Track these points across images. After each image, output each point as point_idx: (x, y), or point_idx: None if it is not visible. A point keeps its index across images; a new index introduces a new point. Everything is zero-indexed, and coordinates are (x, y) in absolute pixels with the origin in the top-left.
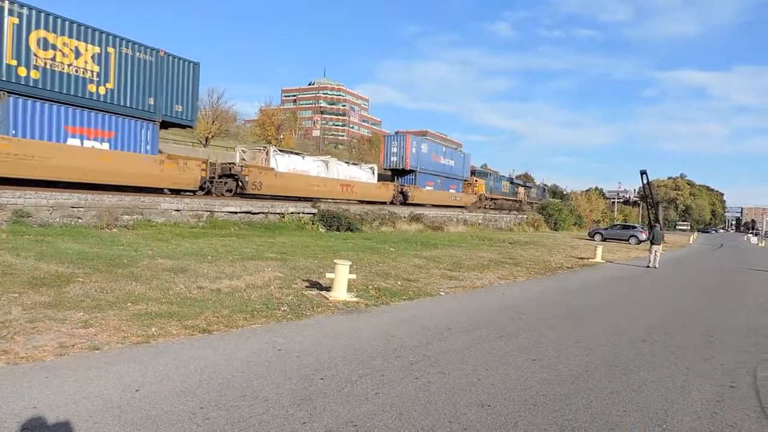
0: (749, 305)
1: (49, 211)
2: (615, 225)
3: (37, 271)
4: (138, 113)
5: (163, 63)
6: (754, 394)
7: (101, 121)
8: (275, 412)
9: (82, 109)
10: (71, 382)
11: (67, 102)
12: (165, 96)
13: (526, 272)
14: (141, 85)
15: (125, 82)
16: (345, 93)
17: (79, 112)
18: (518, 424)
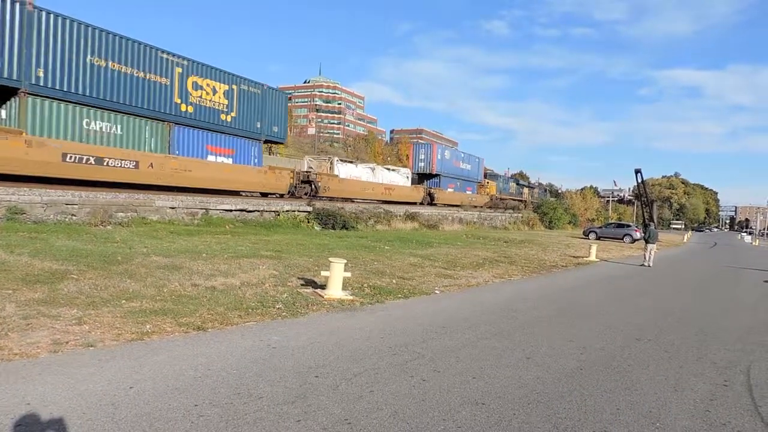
0: (743, 304)
1: (42, 208)
2: (609, 224)
3: (31, 268)
4: (250, 134)
5: (266, 94)
6: (748, 392)
7: (227, 142)
8: (270, 409)
9: (216, 133)
10: (65, 379)
11: (207, 128)
12: (267, 120)
13: (521, 271)
14: (252, 112)
15: (242, 111)
16: (340, 91)
17: (215, 136)
18: (512, 422)
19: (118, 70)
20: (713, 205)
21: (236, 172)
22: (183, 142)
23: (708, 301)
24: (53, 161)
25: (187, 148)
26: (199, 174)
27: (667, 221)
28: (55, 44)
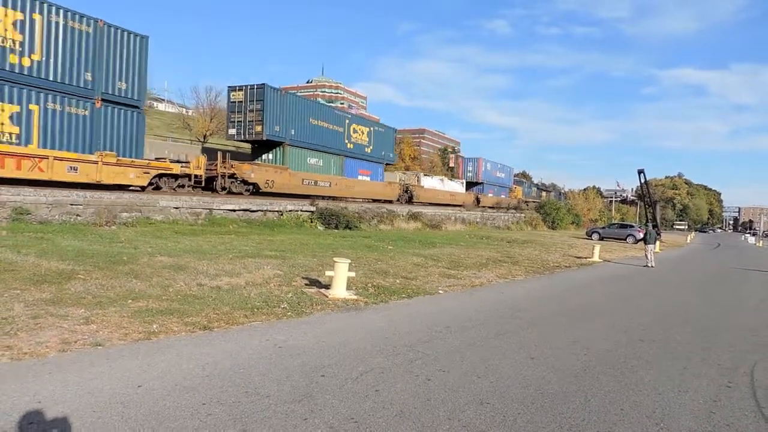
0: (747, 305)
1: (48, 209)
2: (612, 224)
3: (38, 268)
4: (379, 160)
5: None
6: (752, 394)
7: (367, 166)
8: (277, 408)
9: (363, 161)
10: (74, 378)
11: (359, 158)
12: (387, 149)
13: (524, 271)
14: (380, 145)
15: (376, 145)
16: (343, 91)
17: (362, 163)
18: (517, 421)
19: (319, 124)
20: (717, 206)
21: (372, 186)
22: (348, 169)
23: (712, 302)
24: (298, 183)
25: (350, 172)
26: (357, 188)
27: (671, 222)
28: (294, 113)
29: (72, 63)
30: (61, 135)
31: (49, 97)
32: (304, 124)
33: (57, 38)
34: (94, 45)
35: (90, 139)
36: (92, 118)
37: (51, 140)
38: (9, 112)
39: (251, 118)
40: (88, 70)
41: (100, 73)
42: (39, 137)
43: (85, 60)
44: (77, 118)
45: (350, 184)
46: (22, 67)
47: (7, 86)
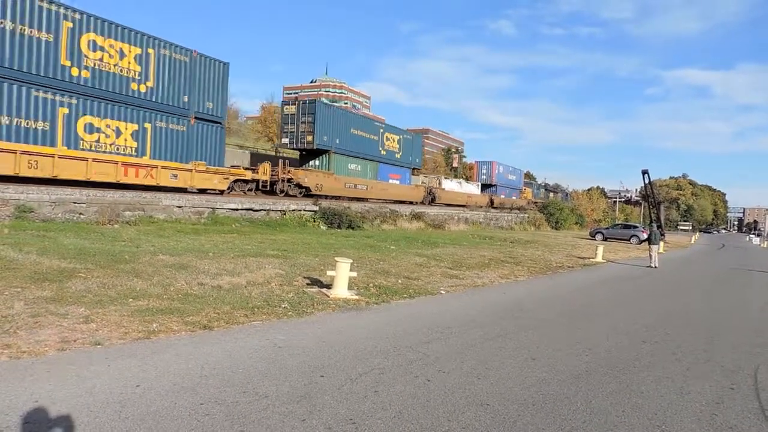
0: (751, 307)
1: (51, 207)
2: (616, 224)
3: (39, 266)
4: (407, 165)
5: (414, 138)
6: (755, 396)
7: (397, 171)
8: (275, 408)
9: (394, 166)
10: (72, 377)
11: (391, 163)
12: (414, 155)
13: (527, 271)
14: (408, 151)
15: (404, 151)
16: (347, 91)
17: (393, 167)
18: (517, 423)
19: (358, 134)
20: (721, 207)
21: (401, 189)
22: (381, 173)
23: (715, 303)
24: (341, 187)
25: (382, 176)
26: (389, 191)
27: (675, 222)
28: (339, 125)
29: (174, 87)
30: (165, 148)
31: (158, 116)
32: (346, 133)
33: (164, 68)
34: (190, 71)
35: (185, 151)
36: (188, 133)
37: (158, 152)
38: (130, 130)
39: (303, 129)
40: (185, 93)
41: (193, 95)
42: (150, 150)
43: (183, 84)
44: (177, 134)
45: (383, 187)
46: (139, 93)
47: (129, 109)
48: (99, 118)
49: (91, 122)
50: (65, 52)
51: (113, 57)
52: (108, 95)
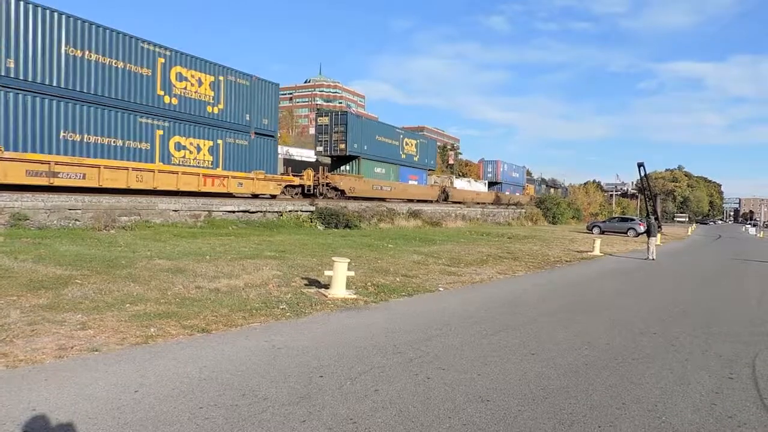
0: (748, 297)
1: (46, 214)
2: (613, 218)
3: (35, 274)
4: (424, 166)
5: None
6: (753, 385)
7: (415, 172)
8: (274, 410)
9: (412, 168)
10: (70, 384)
11: (410, 166)
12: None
13: (525, 266)
14: (424, 154)
15: (421, 154)
16: (341, 90)
17: (412, 170)
18: (518, 418)
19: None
20: (717, 198)
21: (419, 189)
22: (401, 175)
23: (713, 294)
24: (369, 189)
25: (403, 177)
26: (409, 191)
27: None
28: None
29: (238, 108)
30: (233, 160)
31: (227, 133)
32: (372, 140)
33: (231, 92)
34: (250, 93)
35: (247, 162)
36: (249, 147)
37: (227, 164)
38: (207, 146)
39: (336, 138)
40: (247, 112)
41: (253, 113)
42: (222, 162)
43: (245, 105)
44: (241, 147)
45: (404, 188)
46: (213, 114)
47: (206, 128)
48: (184, 137)
49: (179, 141)
50: (159, 83)
51: (194, 85)
52: (191, 118)
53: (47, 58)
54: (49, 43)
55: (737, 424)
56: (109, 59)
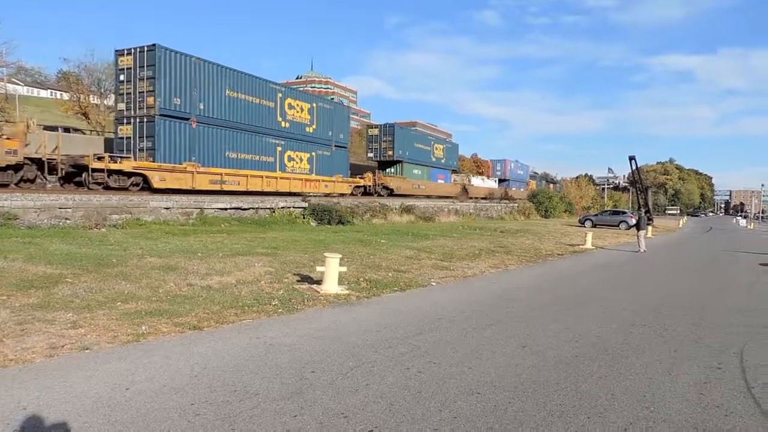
0: (738, 287)
1: (36, 213)
2: (605, 211)
3: (25, 273)
4: (449, 167)
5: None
6: (741, 375)
7: (442, 173)
8: (266, 406)
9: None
10: (61, 383)
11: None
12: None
13: (517, 260)
14: (450, 155)
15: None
16: (333, 86)
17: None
18: (508, 410)
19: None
20: (708, 190)
21: (445, 187)
22: (432, 175)
23: (703, 286)
24: (410, 187)
25: (433, 177)
26: (438, 189)
27: (663, 207)
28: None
29: (324, 127)
30: (321, 167)
31: (318, 147)
32: (412, 147)
33: (320, 115)
34: (332, 115)
35: (329, 169)
36: (330, 157)
37: (317, 171)
38: (306, 158)
39: (384, 146)
40: (329, 130)
41: (333, 130)
42: (315, 169)
43: (328, 124)
44: (325, 157)
45: (435, 186)
46: (309, 133)
47: (305, 143)
48: (293, 151)
49: (290, 154)
50: (278, 112)
51: (298, 112)
52: (296, 136)
53: (218, 99)
54: (219, 89)
55: (724, 413)
56: (250, 97)
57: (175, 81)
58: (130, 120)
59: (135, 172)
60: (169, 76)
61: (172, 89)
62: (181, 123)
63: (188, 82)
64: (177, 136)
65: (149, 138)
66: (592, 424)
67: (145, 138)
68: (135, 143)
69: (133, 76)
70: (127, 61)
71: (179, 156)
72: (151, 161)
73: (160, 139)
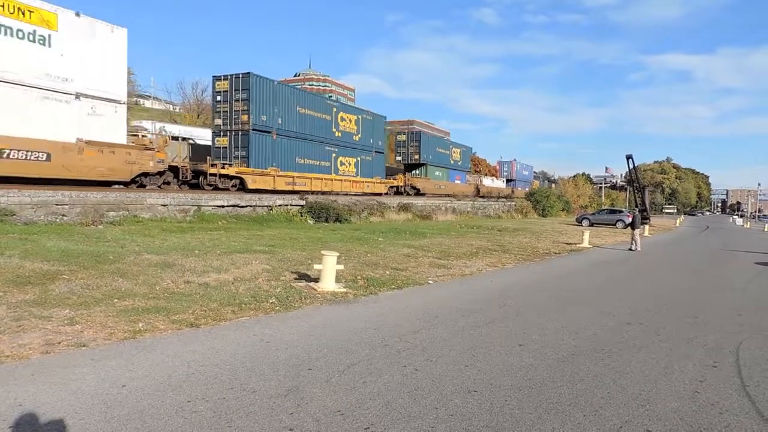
0: (733, 286)
1: (33, 209)
2: (602, 210)
3: (22, 270)
4: (465, 169)
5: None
6: (736, 372)
7: (459, 174)
8: (262, 403)
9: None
10: (57, 380)
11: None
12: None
13: (515, 259)
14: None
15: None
16: (331, 84)
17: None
18: (504, 408)
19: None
20: (705, 189)
21: (462, 186)
22: (450, 176)
23: (699, 284)
24: (433, 187)
25: (451, 178)
26: (455, 188)
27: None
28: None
29: (366, 135)
30: (363, 170)
31: (362, 153)
32: (434, 151)
33: (363, 125)
34: (372, 125)
35: (370, 171)
36: (371, 161)
37: (361, 174)
38: (353, 163)
39: (411, 151)
40: (371, 138)
41: (374, 138)
42: (360, 173)
43: (369, 133)
44: (367, 162)
45: (453, 186)
46: (356, 141)
47: (353, 150)
48: (344, 157)
49: (341, 160)
50: (333, 123)
51: (348, 123)
52: (346, 144)
53: (291, 115)
54: (292, 105)
55: (719, 411)
56: (313, 112)
57: (262, 101)
58: (226, 133)
59: (236, 176)
60: (258, 97)
61: (260, 108)
62: (265, 135)
63: (270, 101)
64: (263, 146)
65: (243, 148)
66: (588, 422)
67: (240, 148)
68: (230, 152)
69: (229, 97)
70: (223, 85)
71: (264, 162)
72: (245, 167)
73: (253, 148)
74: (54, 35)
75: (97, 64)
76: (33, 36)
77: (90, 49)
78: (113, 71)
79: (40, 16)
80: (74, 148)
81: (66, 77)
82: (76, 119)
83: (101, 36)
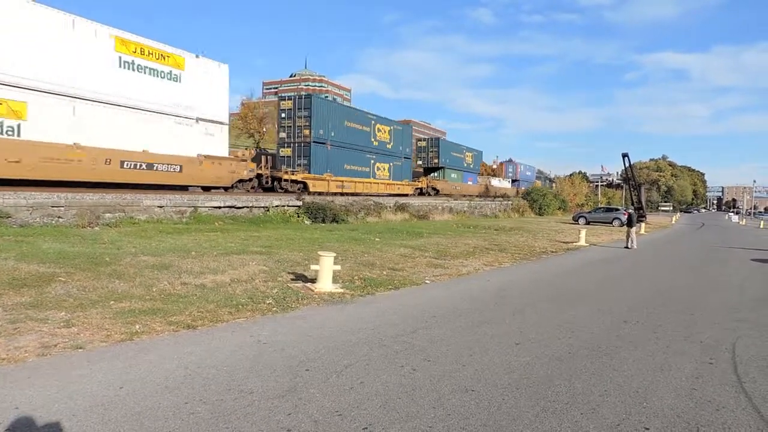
0: (729, 283)
1: (28, 211)
2: (598, 208)
3: (18, 272)
4: (476, 171)
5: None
6: (732, 369)
7: (471, 175)
8: (260, 404)
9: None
10: (54, 382)
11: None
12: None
13: (511, 258)
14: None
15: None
16: (327, 84)
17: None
18: (501, 407)
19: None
20: (701, 186)
21: (473, 187)
22: (464, 177)
23: (696, 281)
24: (449, 188)
25: (465, 180)
26: (468, 189)
27: (656, 204)
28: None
29: (397, 143)
30: (394, 174)
31: (393, 159)
32: (450, 155)
33: (395, 134)
34: (402, 133)
35: (399, 175)
36: (400, 166)
37: (393, 177)
38: (386, 167)
39: (431, 155)
40: (401, 145)
41: (403, 146)
42: (391, 176)
43: (399, 141)
44: (397, 167)
45: (466, 187)
46: (389, 149)
47: (386, 156)
48: (380, 163)
49: (378, 165)
50: (371, 134)
51: (382, 133)
52: (381, 152)
53: (340, 128)
54: (339, 120)
55: (716, 408)
56: (357, 124)
57: (320, 118)
58: (290, 144)
59: (301, 181)
60: (317, 114)
61: (319, 123)
62: (322, 146)
63: (326, 117)
64: (320, 155)
65: (305, 157)
66: (585, 419)
67: (302, 157)
68: (294, 160)
69: (293, 114)
70: (288, 104)
71: (321, 169)
72: (307, 173)
73: (313, 158)
74: (182, 74)
75: (208, 93)
76: (170, 75)
77: (204, 82)
78: (219, 99)
79: (174, 59)
80: (196, 161)
81: (189, 105)
82: (196, 139)
83: (211, 71)
